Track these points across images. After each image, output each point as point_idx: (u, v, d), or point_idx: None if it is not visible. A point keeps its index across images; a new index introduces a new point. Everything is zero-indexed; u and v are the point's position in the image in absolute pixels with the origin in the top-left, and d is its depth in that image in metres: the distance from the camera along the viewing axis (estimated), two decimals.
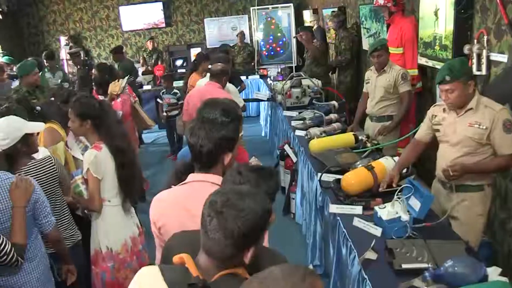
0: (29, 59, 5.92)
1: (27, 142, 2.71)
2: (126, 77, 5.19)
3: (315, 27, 8.62)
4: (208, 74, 4.77)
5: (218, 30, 11.47)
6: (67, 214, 2.97)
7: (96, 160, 2.90)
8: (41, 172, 2.75)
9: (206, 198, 1.40)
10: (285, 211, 4.88)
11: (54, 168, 2.82)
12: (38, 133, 3.00)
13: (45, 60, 7.29)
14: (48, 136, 3.44)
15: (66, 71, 9.01)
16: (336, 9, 7.36)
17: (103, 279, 3.07)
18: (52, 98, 4.24)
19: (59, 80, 7.02)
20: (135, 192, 3.27)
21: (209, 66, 4.81)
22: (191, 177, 1.89)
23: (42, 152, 3.07)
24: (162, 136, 8.06)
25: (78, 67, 8.39)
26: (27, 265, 2.42)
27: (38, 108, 3.62)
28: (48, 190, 2.77)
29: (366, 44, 6.48)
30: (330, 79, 7.47)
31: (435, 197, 2.83)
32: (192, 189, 1.85)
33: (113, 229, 3.06)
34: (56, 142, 3.45)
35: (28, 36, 11.65)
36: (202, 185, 1.82)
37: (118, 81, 4.90)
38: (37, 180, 2.58)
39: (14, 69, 6.90)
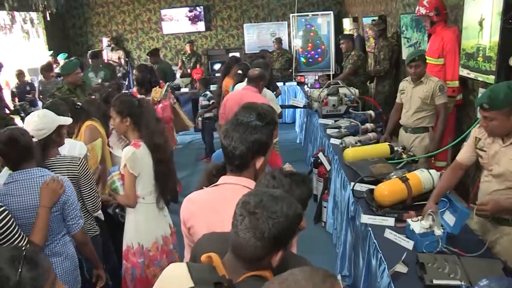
0: (72, 58, 6.09)
1: (59, 133, 2.84)
2: (167, 84, 5.31)
3: (354, 35, 8.55)
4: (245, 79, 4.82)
5: (257, 36, 11.52)
6: (84, 211, 2.94)
7: (133, 157, 2.97)
8: (64, 168, 2.80)
9: (238, 199, 1.41)
10: (316, 219, 4.83)
11: (76, 169, 2.82)
12: (72, 128, 3.11)
13: (90, 60, 7.53)
14: (88, 133, 3.56)
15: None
16: (376, 18, 7.28)
17: (133, 274, 3.14)
18: (93, 97, 4.38)
19: (100, 80, 7.21)
20: (169, 191, 3.32)
21: (248, 71, 4.83)
22: (223, 179, 1.90)
23: (79, 148, 3.18)
24: (197, 139, 8.15)
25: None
26: (53, 259, 2.47)
27: (79, 103, 3.75)
28: None
29: (406, 53, 6.37)
30: (368, 88, 7.39)
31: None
32: (223, 191, 1.85)
33: (145, 226, 3.12)
34: (95, 139, 3.55)
35: (73, 36, 12.02)
36: (234, 188, 1.82)
37: (159, 87, 5.04)
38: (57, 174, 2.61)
39: None
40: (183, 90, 9.11)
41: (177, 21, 11.51)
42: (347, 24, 9.94)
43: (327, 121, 5.49)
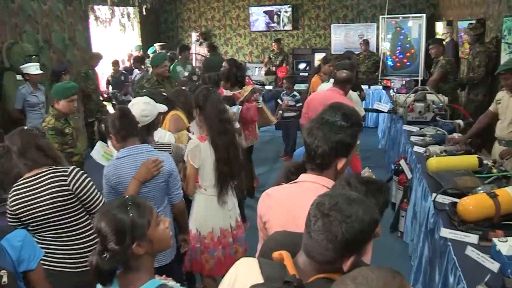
0: (162, 51, 6.36)
1: (158, 120, 3.13)
2: (250, 88, 5.39)
3: (447, 40, 8.16)
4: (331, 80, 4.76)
5: (344, 37, 11.33)
6: None
7: (196, 150, 3.13)
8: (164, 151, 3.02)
9: (314, 199, 1.39)
10: (392, 228, 4.68)
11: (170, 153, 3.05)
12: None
13: (180, 52, 7.85)
14: (173, 122, 3.74)
15: (194, 65, 9.53)
16: (474, 21, 6.89)
17: (191, 255, 3.31)
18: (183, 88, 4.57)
19: (187, 73, 7.48)
20: (237, 188, 3.41)
21: (335, 71, 4.79)
22: (303, 177, 1.89)
23: (168, 137, 3.37)
24: (277, 137, 8.19)
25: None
26: None
27: (165, 94, 3.95)
28: None
29: (504, 61, 5.97)
30: (458, 96, 7.01)
31: None
32: (302, 189, 1.85)
33: (203, 215, 3.27)
34: (180, 129, 3.72)
35: (164, 30, 12.56)
36: (313, 186, 1.80)
37: (241, 90, 5.17)
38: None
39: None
40: (267, 87, 9.21)
41: (264, 19, 11.61)
42: (440, 28, 9.49)
43: (412, 128, 5.29)
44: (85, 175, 2.51)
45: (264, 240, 1.96)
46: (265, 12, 11.59)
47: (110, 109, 7.50)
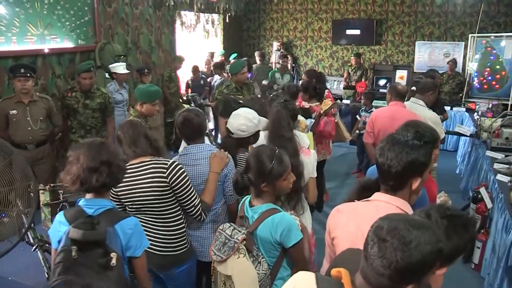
0: (241, 59, 6.46)
1: (256, 137, 3.16)
2: (330, 102, 5.34)
3: None
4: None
5: (428, 55, 10.91)
6: None
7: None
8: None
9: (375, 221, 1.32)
10: (466, 259, 4.42)
11: None
12: None
13: (280, 60, 8.05)
14: None
15: None
16: None
17: None
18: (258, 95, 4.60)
19: (286, 81, 7.60)
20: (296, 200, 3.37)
21: (398, 86, 4.68)
22: (376, 196, 1.84)
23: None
24: (351, 152, 8.04)
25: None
26: (210, 225, 2.91)
27: (241, 101, 3.98)
28: None
29: None
30: None
31: None
32: (374, 208, 1.79)
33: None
34: None
35: (246, 38, 12.78)
36: (386, 206, 1.74)
37: (329, 100, 5.15)
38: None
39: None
40: (345, 101, 9.10)
41: (346, 33, 11.48)
42: None
43: (496, 155, 5.00)
44: (182, 170, 2.65)
45: (329, 257, 1.93)
46: (347, 25, 11.45)
47: None
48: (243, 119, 3.04)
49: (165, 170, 2.60)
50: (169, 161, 2.65)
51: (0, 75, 5.43)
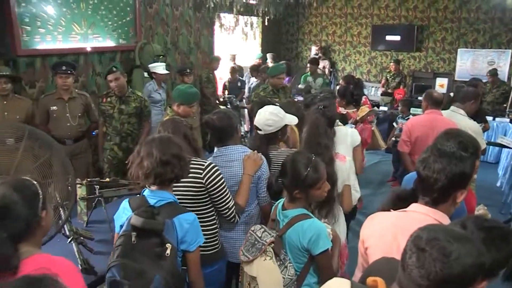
0: (281, 62, 6.45)
1: (284, 132, 3.16)
2: (367, 109, 5.28)
3: None
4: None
5: (471, 63, 10.59)
6: None
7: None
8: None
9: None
10: (505, 277, 4.25)
11: None
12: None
13: (308, 64, 8.00)
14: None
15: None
16: None
17: None
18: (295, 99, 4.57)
19: (303, 85, 7.54)
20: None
21: (434, 94, 4.61)
22: (414, 207, 1.78)
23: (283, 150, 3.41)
24: (386, 160, 7.90)
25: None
26: (243, 227, 2.90)
27: (277, 104, 3.96)
28: None
29: None
30: None
31: None
32: (411, 219, 1.73)
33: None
34: (293, 140, 3.71)
35: (284, 42, 12.76)
36: (424, 218, 1.68)
37: (366, 107, 5.09)
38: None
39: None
40: (382, 108, 8.96)
41: (386, 38, 11.30)
42: None
43: None
44: (219, 171, 2.65)
45: (362, 266, 1.89)
46: (387, 30, 11.28)
47: None
48: (269, 114, 3.05)
49: (201, 171, 2.61)
50: (206, 162, 2.66)
51: (45, 72, 5.61)
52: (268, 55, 9.86)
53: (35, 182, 1.75)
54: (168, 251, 2.03)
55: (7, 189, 1.63)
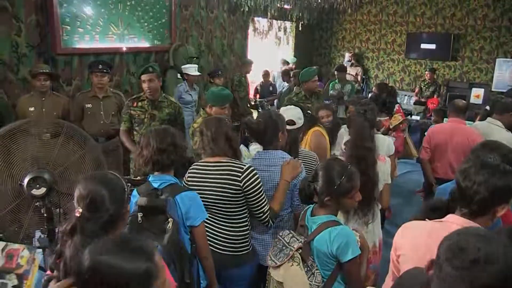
0: (313, 67, 6.44)
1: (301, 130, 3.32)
2: (400, 117, 5.22)
3: None
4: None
5: (510, 73, 10.29)
6: None
7: None
8: (306, 160, 3.26)
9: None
10: None
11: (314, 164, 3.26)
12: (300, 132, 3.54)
13: (336, 72, 7.94)
14: (314, 138, 3.78)
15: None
16: None
17: None
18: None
19: (335, 92, 7.49)
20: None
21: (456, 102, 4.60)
22: (451, 218, 1.74)
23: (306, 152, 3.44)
24: (417, 170, 7.74)
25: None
26: (275, 230, 2.85)
27: (309, 112, 3.98)
28: None
29: None
30: None
31: None
32: (447, 230, 1.68)
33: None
34: (321, 145, 3.72)
35: (317, 47, 12.71)
36: None
37: (399, 115, 5.05)
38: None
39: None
40: (415, 117, 8.83)
41: (421, 46, 11.11)
42: None
43: None
44: (257, 175, 2.67)
45: (393, 274, 1.87)
46: (422, 38, 11.10)
47: (255, 116, 7.79)
48: (294, 109, 3.25)
49: (240, 174, 2.63)
50: (245, 165, 2.68)
51: (81, 71, 5.74)
52: (280, 61, 9.88)
53: (121, 177, 1.89)
54: (169, 225, 2.21)
55: (96, 184, 1.76)
